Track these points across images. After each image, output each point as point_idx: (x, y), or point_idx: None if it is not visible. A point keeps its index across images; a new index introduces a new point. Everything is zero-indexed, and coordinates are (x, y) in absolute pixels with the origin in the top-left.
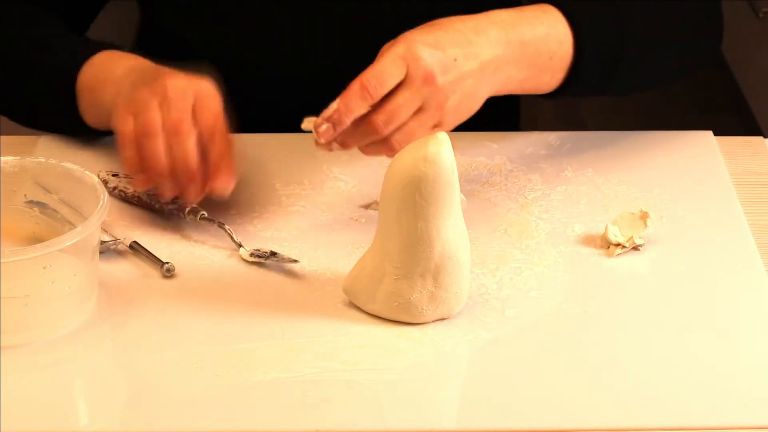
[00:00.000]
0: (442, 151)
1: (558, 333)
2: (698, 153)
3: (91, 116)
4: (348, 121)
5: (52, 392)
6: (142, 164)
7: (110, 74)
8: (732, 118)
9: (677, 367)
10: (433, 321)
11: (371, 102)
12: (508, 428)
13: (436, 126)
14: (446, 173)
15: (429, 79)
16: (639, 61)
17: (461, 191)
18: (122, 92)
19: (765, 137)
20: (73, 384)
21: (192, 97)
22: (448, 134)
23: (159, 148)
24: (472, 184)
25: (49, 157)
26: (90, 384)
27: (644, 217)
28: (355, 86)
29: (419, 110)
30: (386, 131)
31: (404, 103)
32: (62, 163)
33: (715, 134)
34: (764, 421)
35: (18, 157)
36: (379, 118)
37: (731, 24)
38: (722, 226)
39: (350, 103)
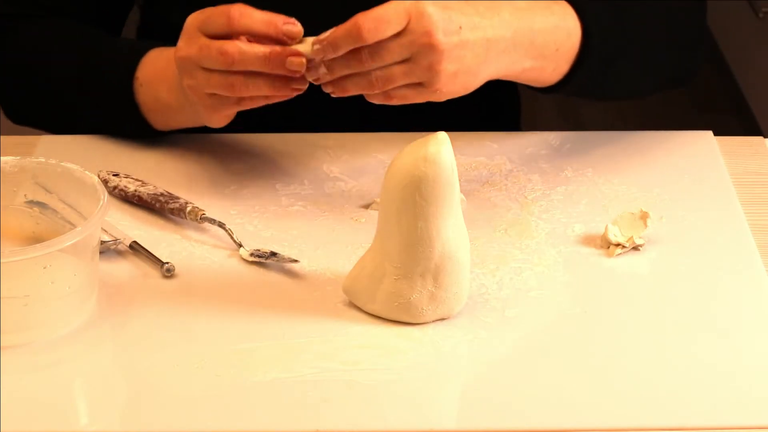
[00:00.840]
0: (442, 151)
1: (558, 333)
2: (698, 153)
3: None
4: (333, 54)
5: (52, 392)
6: (245, 94)
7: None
8: (732, 118)
9: (677, 367)
10: (433, 321)
11: (361, 44)
12: (508, 428)
13: (422, 85)
14: (446, 173)
15: (428, 34)
16: (637, 63)
17: (461, 191)
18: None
19: (765, 137)
20: (73, 384)
21: (197, 33)
22: (448, 134)
23: (234, 80)
24: (472, 184)
25: (49, 157)
26: (90, 384)
27: (644, 217)
28: (349, 24)
29: (408, 60)
30: (368, 66)
31: (394, 48)
32: (62, 163)
33: (715, 134)
34: (764, 421)
35: (18, 157)
36: (365, 50)
37: (731, 24)
38: (722, 226)
39: (339, 39)
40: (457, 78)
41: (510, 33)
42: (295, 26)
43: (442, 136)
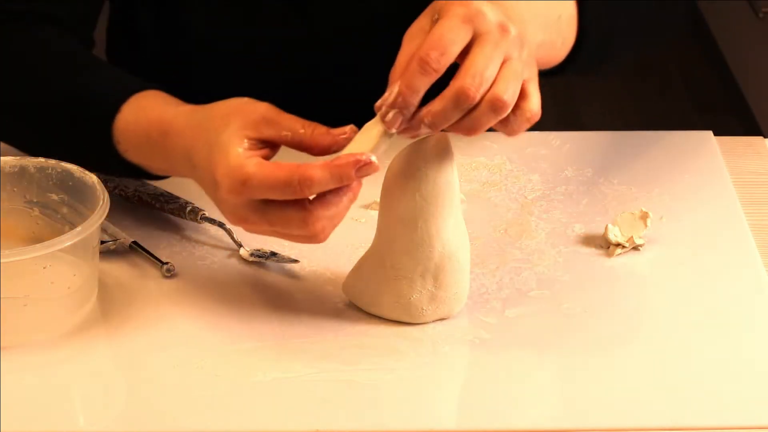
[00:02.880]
0: (442, 152)
1: (558, 333)
2: (698, 153)
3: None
4: (415, 102)
5: (52, 392)
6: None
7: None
8: (732, 118)
9: (677, 367)
10: (433, 321)
11: (436, 76)
12: (508, 428)
13: (528, 80)
14: (446, 173)
15: (503, 28)
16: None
17: (461, 191)
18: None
19: (765, 137)
20: (73, 384)
21: (254, 206)
22: (448, 134)
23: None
24: (472, 184)
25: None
26: (90, 384)
27: (644, 217)
28: (414, 63)
29: (505, 61)
30: (479, 94)
31: (490, 57)
32: (62, 163)
33: (715, 134)
34: (764, 421)
35: (18, 157)
36: (468, 82)
37: (731, 24)
38: (722, 226)
39: (413, 82)
40: (532, 57)
41: (524, 7)
42: (371, 165)
43: (442, 136)
